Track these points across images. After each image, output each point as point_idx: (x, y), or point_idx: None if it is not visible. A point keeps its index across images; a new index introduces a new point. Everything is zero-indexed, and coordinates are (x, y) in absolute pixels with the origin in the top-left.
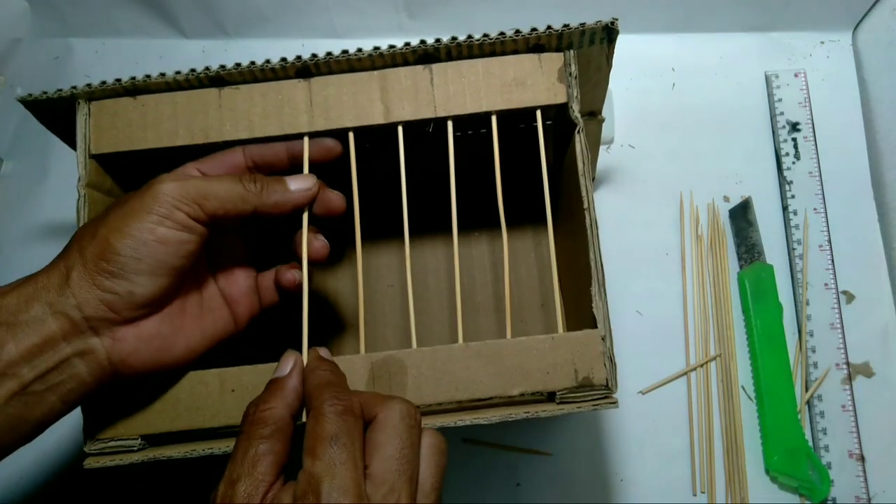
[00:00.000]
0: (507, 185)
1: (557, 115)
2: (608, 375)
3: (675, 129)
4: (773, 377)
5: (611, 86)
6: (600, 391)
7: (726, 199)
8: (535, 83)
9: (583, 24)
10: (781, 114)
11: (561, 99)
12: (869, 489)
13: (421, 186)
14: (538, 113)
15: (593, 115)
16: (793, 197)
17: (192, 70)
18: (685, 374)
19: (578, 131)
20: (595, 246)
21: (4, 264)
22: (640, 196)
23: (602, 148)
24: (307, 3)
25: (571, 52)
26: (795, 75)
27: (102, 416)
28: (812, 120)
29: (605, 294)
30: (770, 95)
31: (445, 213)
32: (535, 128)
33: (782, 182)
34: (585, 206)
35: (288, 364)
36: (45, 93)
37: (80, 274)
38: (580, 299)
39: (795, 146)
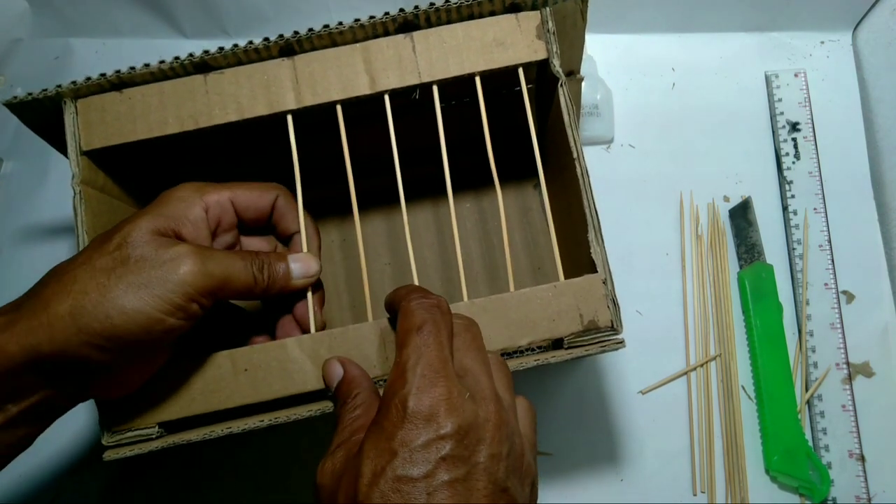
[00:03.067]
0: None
1: (538, 77)
2: (612, 317)
3: (675, 129)
4: (773, 377)
5: (611, 86)
6: (606, 332)
7: (726, 199)
8: (514, 42)
9: None
10: (781, 114)
11: (541, 55)
12: (869, 489)
13: (403, 160)
14: (520, 71)
15: (572, 74)
16: (793, 197)
17: (176, 58)
18: (685, 373)
19: (561, 84)
20: (588, 194)
21: (4, 264)
22: (640, 196)
23: (602, 147)
24: (307, 3)
25: (547, 8)
26: (795, 75)
27: (117, 407)
28: (812, 120)
29: (602, 239)
30: (770, 95)
31: (427, 185)
32: (516, 93)
33: (782, 182)
34: (575, 155)
35: (335, 367)
36: (31, 94)
37: (69, 336)
38: (576, 253)
39: (795, 146)
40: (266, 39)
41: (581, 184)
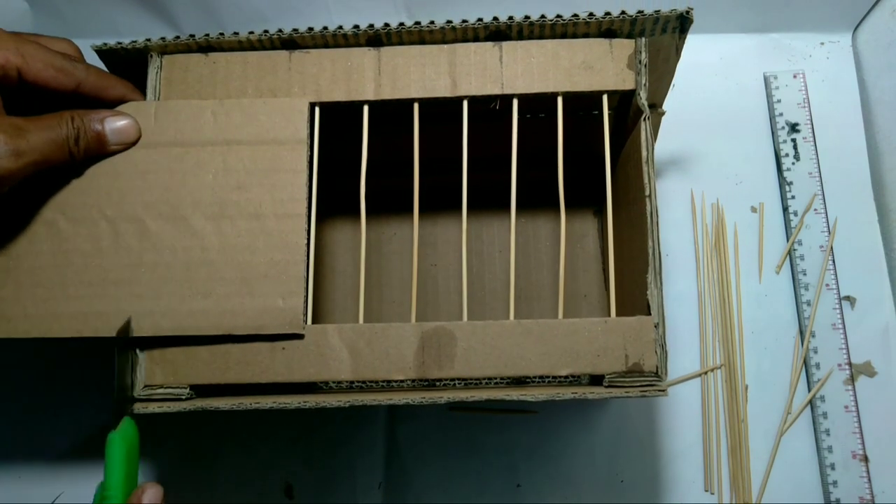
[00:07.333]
0: (552, 174)
1: (619, 105)
2: (658, 363)
3: (674, 130)
4: None
5: None
6: (649, 378)
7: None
8: (603, 68)
9: (657, 12)
10: (780, 115)
11: (629, 86)
12: (873, 489)
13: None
14: (604, 98)
15: (654, 107)
16: (793, 197)
17: (265, 31)
18: (687, 379)
19: (645, 118)
20: (654, 234)
21: None
22: None
23: None
24: (307, 3)
25: (643, 39)
26: (794, 76)
27: (153, 363)
28: (811, 121)
29: (661, 282)
30: (769, 96)
31: (477, 193)
32: (590, 117)
33: (782, 182)
34: (647, 193)
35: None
36: (120, 43)
37: None
38: (628, 289)
39: (795, 147)
40: (356, 27)
41: (649, 222)
